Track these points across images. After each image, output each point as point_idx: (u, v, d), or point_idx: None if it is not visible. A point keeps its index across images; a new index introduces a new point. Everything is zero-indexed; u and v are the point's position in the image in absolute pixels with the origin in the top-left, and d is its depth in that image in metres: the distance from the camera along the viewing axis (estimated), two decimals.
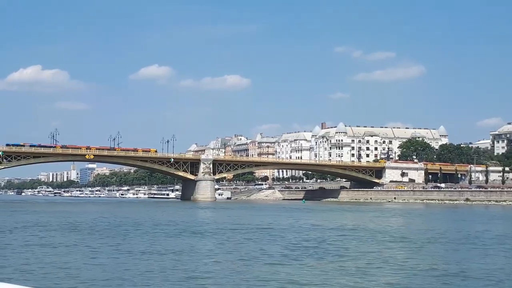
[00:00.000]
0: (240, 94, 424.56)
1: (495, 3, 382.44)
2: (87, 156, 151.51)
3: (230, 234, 49.04)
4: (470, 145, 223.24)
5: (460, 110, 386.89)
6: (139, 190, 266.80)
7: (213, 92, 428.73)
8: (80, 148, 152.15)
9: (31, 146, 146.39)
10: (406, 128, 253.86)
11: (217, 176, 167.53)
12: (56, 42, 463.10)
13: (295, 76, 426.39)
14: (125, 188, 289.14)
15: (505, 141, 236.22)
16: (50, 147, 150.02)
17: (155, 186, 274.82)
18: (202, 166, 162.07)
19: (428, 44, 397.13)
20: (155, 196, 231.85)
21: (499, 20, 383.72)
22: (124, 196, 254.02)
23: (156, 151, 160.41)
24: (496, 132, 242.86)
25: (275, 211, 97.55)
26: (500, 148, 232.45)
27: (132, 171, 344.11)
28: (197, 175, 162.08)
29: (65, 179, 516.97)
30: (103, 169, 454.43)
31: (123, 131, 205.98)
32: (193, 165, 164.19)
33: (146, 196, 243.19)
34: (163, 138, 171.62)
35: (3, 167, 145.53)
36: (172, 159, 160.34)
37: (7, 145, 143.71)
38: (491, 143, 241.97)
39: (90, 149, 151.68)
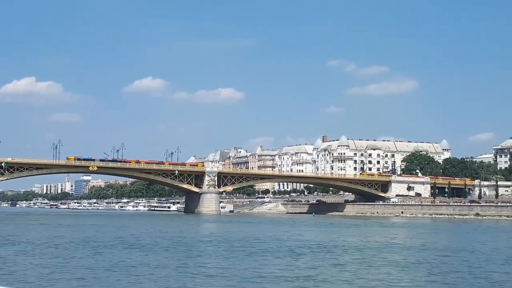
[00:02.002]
0: (234, 107, 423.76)
1: (487, 19, 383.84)
2: (90, 168, 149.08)
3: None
4: (473, 160, 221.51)
5: (452, 125, 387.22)
6: (139, 203, 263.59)
7: (207, 105, 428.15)
8: (130, 162, 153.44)
9: (101, 160, 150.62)
10: (409, 141, 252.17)
11: (221, 189, 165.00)
12: (50, 54, 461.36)
13: (289, 90, 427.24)
14: (125, 200, 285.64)
15: (508, 156, 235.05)
16: (119, 161, 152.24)
17: (155, 198, 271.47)
18: (206, 178, 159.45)
19: (421, 59, 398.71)
20: (155, 209, 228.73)
21: (491, 35, 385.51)
22: (123, 208, 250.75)
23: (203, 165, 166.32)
24: (499, 147, 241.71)
25: (298, 226, 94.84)
26: (503, 162, 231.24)
27: (128, 183, 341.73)
28: (201, 187, 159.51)
29: (59, 191, 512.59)
30: (99, 181, 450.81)
31: (118, 143, 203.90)
32: (197, 177, 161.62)
33: (146, 208, 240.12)
34: (167, 150, 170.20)
35: (5, 178, 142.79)
36: (177, 172, 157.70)
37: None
38: (493, 157, 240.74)
39: (140, 163, 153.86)
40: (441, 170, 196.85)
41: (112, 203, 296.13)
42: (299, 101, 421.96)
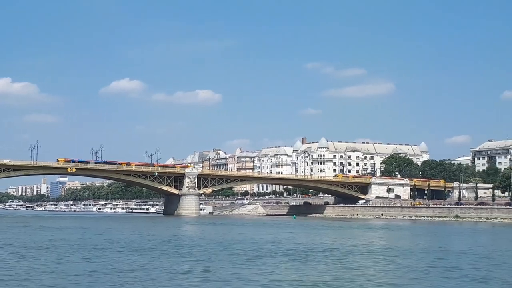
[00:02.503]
0: (212, 109, 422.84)
1: (463, 21, 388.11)
2: (68, 169, 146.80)
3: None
4: (452, 162, 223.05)
5: (429, 127, 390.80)
6: (117, 205, 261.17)
7: (185, 107, 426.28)
8: (120, 164, 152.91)
9: (96, 162, 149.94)
10: (388, 144, 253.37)
11: (201, 191, 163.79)
12: (26, 55, 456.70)
13: (267, 92, 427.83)
14: (102, 202, 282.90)
15: (486, 158, 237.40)
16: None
17: (134, 200, 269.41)
18: (186, 180, 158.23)
19: (398, 62, 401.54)
20: (134, 211, 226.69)
21: (467, 38, 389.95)
22: (101, 210, 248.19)
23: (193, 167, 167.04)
24: (477, 149, 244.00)
25: (283, 228, 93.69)
26: (481, 165, 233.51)
27: (105, 185, 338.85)
28: (181, 189, 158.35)
29: (35, 193, 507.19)
30: (75, 182, 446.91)
31: (95, 144, 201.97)
32: (177, 179, 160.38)
33: (124, 210, 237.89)
34: (146, 151, 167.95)
35: None
36: (156, 173, 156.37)
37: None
38: (471, 159, 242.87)
39: (130, 165, 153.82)
40: (420, 172, 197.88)
41: (90, 205, 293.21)
42: (276, 103, 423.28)
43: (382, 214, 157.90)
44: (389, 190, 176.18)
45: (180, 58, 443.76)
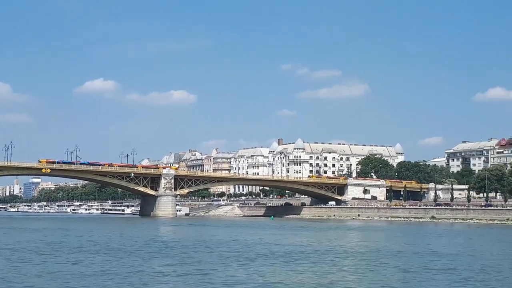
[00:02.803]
0: (187, 110, 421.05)
1: (437, 22, 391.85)
2: (43, 170, 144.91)
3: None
4: (427, 163, 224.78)
5: (402, 129, 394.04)
6: (92, 206, 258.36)
7: (159, 107, 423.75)
8: (103, 165, 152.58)
9: (81, 163, 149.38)
10: (363, 145, 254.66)
11: (178, 192, 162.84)
12: None
13: (242, 93, 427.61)
14: (77, 203, 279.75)
15: (460, 159, 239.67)
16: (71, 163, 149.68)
17: (109, 201, 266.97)
18: (163, 181, 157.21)
19: (372, 64, 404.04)
20: (109, 212, 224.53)
21: (441, 39, 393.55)
22: (76, 211, 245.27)
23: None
24: (451, 151, 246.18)
25: (268, 229, 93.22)
26: (455, 166, 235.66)
27: (79, 185, 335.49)
28: (157, 190, 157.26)
29: (7, 194, 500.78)
30: (48, 183, 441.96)
31: (69, 144, 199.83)
32: (153, 180, 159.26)
33: (99, 212, 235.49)
34: (122, 152, 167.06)
35: None
36: (132, 174, 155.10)
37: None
38: (446, 161, 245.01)
39: (113, 165, 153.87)
40: (396, 174, 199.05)
41: (64, 206, 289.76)
42: (252, 104, 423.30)
43: (358, 215, 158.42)
44: (365, 191, 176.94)
45: (154, 58, 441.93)
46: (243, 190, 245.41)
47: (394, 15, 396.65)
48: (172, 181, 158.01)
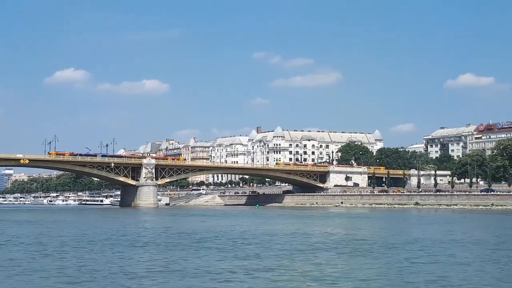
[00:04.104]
0: (159, 99, 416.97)
1: (406, 14, 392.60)
2: (22, 161, 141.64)
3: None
4: (406, 150, 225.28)
5: (375, 116, 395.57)
6: (69, 197, 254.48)
7: (131, 97, 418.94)
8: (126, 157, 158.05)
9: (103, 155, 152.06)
10: (342, 132, 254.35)
11: (159, 181, 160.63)
12: None
13: (214, 82, 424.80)
14: (53, 194, 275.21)
15: (438, 145, 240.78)
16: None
17: (86, 192, 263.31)
18: (144, 171, 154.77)
19: (344, 52, 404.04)
20: (87, 202, 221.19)
21: (412, 26, 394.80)
22: (52, 203, 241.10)
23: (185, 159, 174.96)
24: (430, 137, 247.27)
25: (255, 218, 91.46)
26: (434, 152, 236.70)
27: (54, 176, 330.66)
28: (138, 180, 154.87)
29: None
30: (21, 175, 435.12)
31: (41, 135, 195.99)
32: (134, 170, 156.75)
33: (77, 203, 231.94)
34: (101, 142, 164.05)
35: None
36: (113, 164, 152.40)
37: None
38: (424, 147, 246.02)
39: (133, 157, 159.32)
40: (377, 160, 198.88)
41: (40, 197, 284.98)
42: (224, 93, 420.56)
43: (342, 203, 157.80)
44: (347, 178, 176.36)
45: (126, 48, 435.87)
46: (222, 179, 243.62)
47: (364, 3, 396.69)
48: (153, 170, 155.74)
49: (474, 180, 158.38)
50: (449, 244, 45.39)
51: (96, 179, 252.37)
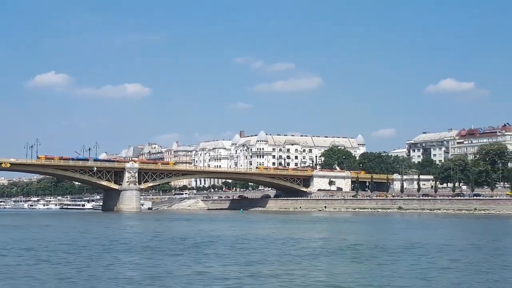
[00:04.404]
0: (141, 103, 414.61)
1: (386, 19, 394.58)
2: (3, 165, 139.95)
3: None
4: (389, 154, 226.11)
5: (356, 121, 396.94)
6: (50, 201, 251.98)
7: (113, 101, 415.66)
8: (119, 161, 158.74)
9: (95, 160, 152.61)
10: (325, 137, 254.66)
11: (142, 186, 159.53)
12: None
13: (196, 86, 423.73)
14: (34, 198, 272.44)
15: (421, 150, 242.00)
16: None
17: (68, 196, 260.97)
18: (127, 175, 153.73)
19: (325, 56, 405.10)
20: (68, 207, 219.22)
21: (390, 33, 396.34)
22: (33, 207, 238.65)
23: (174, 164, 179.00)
24: (412, 141, 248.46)
25: (242, 223, 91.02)
26: (416, 157, 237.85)
27: (35, 180, 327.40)
28: (121, 184, 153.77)
29: None
30: (1, 179, 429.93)
31: (22, 139, 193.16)
32: (116, 174, 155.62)
33: (58, 207, 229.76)
34: (84, 146, 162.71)
35: None
36: (95, 168, 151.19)
37: None
38: (406, 152, 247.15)
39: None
40: (360, 165, 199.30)
41: (21, 201, 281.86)
42: (206, 97, 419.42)
43: (325, 207, 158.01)
44: (331, 183, 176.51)
45: (107, 51, 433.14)
46: (205, 183, 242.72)
47: (344, 9, 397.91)
48: (136, 174, 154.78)
49: (456, 184, 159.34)
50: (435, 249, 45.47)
51: (77, 183, 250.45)
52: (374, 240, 54.75)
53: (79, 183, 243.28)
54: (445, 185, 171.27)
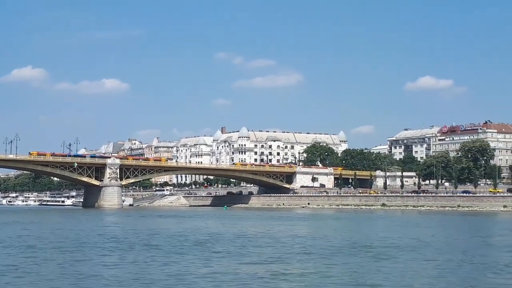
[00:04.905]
0: (119, 99, 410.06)
1: (365, 17, 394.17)
2: None
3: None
4: (371, 151, 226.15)
5: (336, 118, 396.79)
6: (29, 197, 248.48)
7: (91, 96, 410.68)
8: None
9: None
10: (307, 133, 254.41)
11: (123, 182, 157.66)
12: None
13: (176, 82, 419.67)
14: (13, 194, 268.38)
15: (402, 147, 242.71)
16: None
17: (47, 192, 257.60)
18: (108, 171, 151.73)
19: (305, 53, 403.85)
20: (48, 203, 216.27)
21: (373, 31, 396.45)
22: (12, 203, 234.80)
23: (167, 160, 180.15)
24: (394, 138, 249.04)
25: (230, 220, 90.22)
26: (398, 153, 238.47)
27: (12, 176, 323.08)
28: (102, 180, 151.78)
29: None
30: None
31: (0, 134, 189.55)
32: (97, 170, 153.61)
33: (37, 203, 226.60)
34: (64, 141, 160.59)
35: None
36: (76, 164, 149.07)
37: None
38: (388, 148, 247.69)
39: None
40: (343, 161, 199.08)
41: None
42: (186, 93, 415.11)
43: (308, 204, 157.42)
44: (313, 179, 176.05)
45: (85, 46, 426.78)
46: (186, 180, 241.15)
47: (325, 5, 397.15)
48: (118, 171, 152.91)
49: (439, 181, 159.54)
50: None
51: (56, 179, 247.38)
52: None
53: (58, 179, 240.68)
54: (427, 182, 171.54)
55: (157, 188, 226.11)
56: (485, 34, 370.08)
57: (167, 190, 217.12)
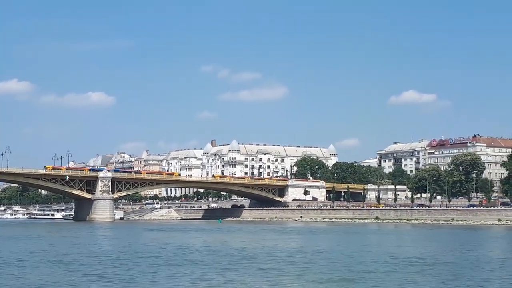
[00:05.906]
0: (105, 112, 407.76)
1: (349, 32, 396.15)
2: None
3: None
4: (361, 164, 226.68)
5: (322, 131, 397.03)
6: (17, 210, 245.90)
7: (77, 109, 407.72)
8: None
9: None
10: (298, 146, 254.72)
11: (115, 195, 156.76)
12: None
13: (162, 95, 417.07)
14: (1, 208, 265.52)
15: (392, 160, 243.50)
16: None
17: (36, 205, 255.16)
18: (100, 184, 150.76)
19: (291, 67, 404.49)
20: (37, 216, 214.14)
21: (357, 44, 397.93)
22: (0, 217, 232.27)
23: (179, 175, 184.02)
24: (383, 152, 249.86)
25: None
26: (387, 167, 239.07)
27: None
28: (94, 193, 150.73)
29: None
30: None
31: None
32: (89, 183, 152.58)
33: (26, 216, 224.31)
34: (55, 154, 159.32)
35: None
36: (67, 177, 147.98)
37: None
38: (378, 162, 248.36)
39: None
40: (334, 175, 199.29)
41: None
42: (171, 106, 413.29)
43: (301, 217, 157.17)
44: (306, 193, 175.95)
45: (71, 59, 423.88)
46: (176, 193, 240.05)
47: (311, 19, 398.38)
48: (110, 184, 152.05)
49: (427, 195, 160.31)
50: None
51: (43, 191, 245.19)
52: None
53: (46, 192, 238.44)
54: (419, 195, 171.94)
55: (147, 202, 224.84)
56: (469, 49, 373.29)
57: (157, 203, 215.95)
